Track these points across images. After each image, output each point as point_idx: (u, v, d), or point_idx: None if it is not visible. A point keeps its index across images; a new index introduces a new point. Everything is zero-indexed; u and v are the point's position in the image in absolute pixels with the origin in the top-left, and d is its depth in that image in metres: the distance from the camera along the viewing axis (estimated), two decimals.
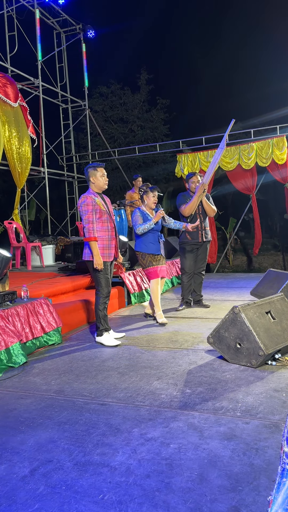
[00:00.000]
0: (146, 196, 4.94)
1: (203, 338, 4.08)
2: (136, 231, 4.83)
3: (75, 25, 12.23)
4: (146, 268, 4.90)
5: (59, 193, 14.16)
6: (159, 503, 1.74)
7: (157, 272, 4.87)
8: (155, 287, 4.89)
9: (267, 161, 9.57)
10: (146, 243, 4.86)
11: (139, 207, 4.97)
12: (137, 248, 4.95)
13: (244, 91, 20.48)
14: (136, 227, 4.81)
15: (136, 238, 4.97)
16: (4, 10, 10.28)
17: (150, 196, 4.91)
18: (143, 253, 4.89)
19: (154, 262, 4.86)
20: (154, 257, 4.88)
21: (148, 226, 4.77)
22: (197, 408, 2.60)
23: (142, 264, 4.95)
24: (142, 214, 4.86)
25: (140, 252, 4.90)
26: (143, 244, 4.87)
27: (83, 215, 4.04)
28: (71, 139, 12.99)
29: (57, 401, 2.82)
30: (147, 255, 4.87)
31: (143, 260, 4.90)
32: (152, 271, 4.87)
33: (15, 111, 8.12)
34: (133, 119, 17.83)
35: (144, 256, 4.88)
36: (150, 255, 4.87)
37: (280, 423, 2.35)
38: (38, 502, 1.79)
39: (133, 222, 4.87)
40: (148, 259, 4.87)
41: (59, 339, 4.23)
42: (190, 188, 5.48)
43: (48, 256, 8.30)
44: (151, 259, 4.87)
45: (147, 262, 4.88)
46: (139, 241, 4.92)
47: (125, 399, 2.79)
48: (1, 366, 3.40)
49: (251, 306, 3.44)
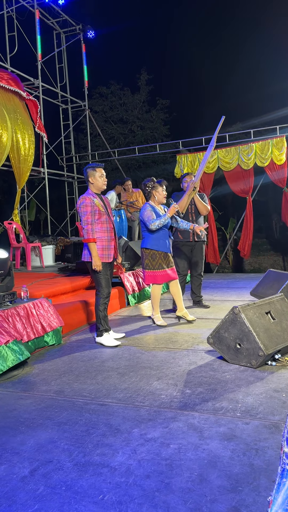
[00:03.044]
0: (155, 191, 4.71)
1: (203, 338, 4.08)
2: (149, 226, 4.55)
3: (75, 25, 12.24)
4: (153, 271, 4.66)
5: (59, 193, 14.16)
6: (159, 504, 1.74)
7: (166, 276, 4.67)
8: (157, 291, 4.78)
9: (266, 161, 9.58)
10: (157, 240, 4.62)
11: (148, 202, 4.75)
12: (147, 245, 4.66)
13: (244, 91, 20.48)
14: (149, 223, 4.54)
15: (146, 235, 4.70)
16: (4, 11, 10.28)
17: (160, 191, 4.70)
18: (153, 252, 4.63)
19: (164, 265, 4.65)
20: (164, 256, 4.66)
21: (163, 220, 4.53)
22: (197, 409, 2.60)
23: (149, 265, 4.67)
24: (153, 210, 4.67)
25: (151, 250, 4.64)
26: (154, 241, 4.62)
27: (82, 216, 4.04)
28: (71, 139, 13.00)
29: (57, 401, 2.82)
30: (157, 254, 4.63)
31: (153, 261, 4.64)
32: (160, 275, 4.66)
33: (21, 110, 8.13)
34: (133, 120, 17.85)
35: (155, 255, 4.63)
36: (161, 254, 4.64)
37: (280, 423, 2.35)
38: (38, 503, 1.79)
39: (144, 218, 4.60)
40: (158, 261, 4.64)
41: (59, 340, 4.23)
42: (183, 187, 5.46)
43: (48, 256, 8.30)
44: (161, 261, 4.64)
45: (156, 263, 4.64)
46: (149, 238, 4.65)
47: (125, 399, 2.79)
48: (7, 363, 3.38)
49: (251, 306, 3.44)
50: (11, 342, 3.48)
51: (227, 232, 14.95)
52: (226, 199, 15.82)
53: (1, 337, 3.42)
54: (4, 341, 3.41)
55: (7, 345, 3.43)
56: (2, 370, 3.29)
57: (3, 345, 3.40)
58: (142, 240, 4.79)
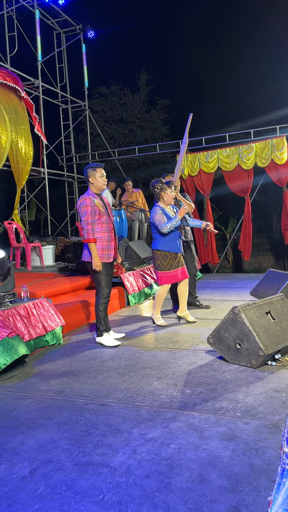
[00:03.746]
0: (163, 193, 4.71)
1: (203, 338, 4.08)
2: (161, 230, 4.57)
3: (75, 25, 12.24)
4: (164, 271, 4.68)
5: (59, 193, 14.16)
6: (159, 504, 1.74)
7: (177, 276, 4.70)
8: (164, 291, 4.79)
9: (266, 161, 9.58)
10: (169, 241, 4.65)
11: (157, 205, 4.75)
12: (158, 247, 4.69)
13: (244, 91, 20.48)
14: (161, 227, 4.56)
15: (157, 236, 4.70)
16: (4, 11, 10.28)
17: (169, 192, 4.71)
18: (165, 253, 4.65)
19: (176, 265, 4.68)
20: (175, 257, 4.69)
21: (175, 223, 4.56)
22: (197, 409, 2.60)
23: (161, 266, 4.70)
24: (164, 212, 4.67)
25: (162, 252, 4.67)
26: (165, 243, 4.65)
27: (82, 217, 4.04)
28: (71, 139, 13.00)
29: (57, 401, 2.82)
30: (169, 255, 4.66)
31: (164, 262, 4.67)
32: (173, 276, 4.70)
33: (20, 110, 8.12)
34: (133, 120, 17.85)
35: (166, 256, 4.66)
36: (172, 255, 4.66)
37: (280, 423, 2.35)
38: (38, 503, 1.79)
39: (156, 221, 4.61)
40: (170, 261, 4.66)
41: (59, 340, 4.23)
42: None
43: (48, 256, 8.30)
44: (172, 261, 4.67)
45: (168, 264, 4.66)
46: (161, 240, 4.67)
47: (125, 399, 2.79)
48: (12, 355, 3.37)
49: (251, 306, 3.44)
50: (14, 337, 3.48)
51: (227, 232, 14.95)
52: (226, 199, 15.84)
53: (3, 331, 3.42)
54: (6, 334, 3.40)
55: (11, 338, 3.43)
56: (6, 364, 3.29)
57: (6, 337, 3.39)
58: (153, 241, 4.80)
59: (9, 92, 7.95)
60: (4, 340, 3.38)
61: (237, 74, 19.75)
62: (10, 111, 7.86)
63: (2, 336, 3.37)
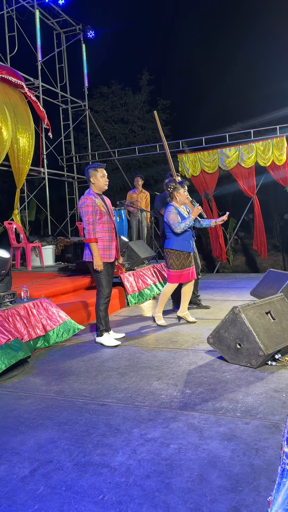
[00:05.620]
0: (177, 192, 4.71)
1: (203, 338, 4.08)
2: (175, 230, 4.59)
3: (75, 25, 12.24)
4: (176, 270, 4.69)
5: (59, 193, 14.15)
6: (159, 504, 1.74)
7: (187, 275, 4.74)
8: (170, 290, 4.81)
9: (267, 161, 9.59)
10: (182, 241, 4.67)
11: (171, 204, 4.75)
12: (172, 246, 4.70)
13: (244, 91, 20.50)
14: (175, 226, 4.58)
15: (171, 236, 4.72)
16: (4, 11, 10.28)
17: (182, 192, 4.71)
18: (178, 252, 4.67)
19: (187, 264, 4.71)
20: (187, 256, 4.72)
21: (188, 223, 4.58)
22: (197, 409, 2.60)
23: (173, 265, 4.71)
24: (178, 212, 4.67)
25: (176, 251, 4.67)
26: (178, 242, 4.67)
27: (83, 217, 4.04)
28: (71, 139, 13.00)
29: (57, 401, 2.82)
30: (182, 255, 4.68)
31: (177, 261, 4.68)
32: (184, 275, 4.72)
33: (21, 108, 8.12)
34: (134, 120, 17.85)
35: (179, 256, 4.67)
36: (185, 255, 4.69)
37: (280, 423, 2.35)
38: (38, 503, 1.79)
39: (170, 221, 4.62)
40: (182, 261, 4.69)
41: (59, 339, 4.23)
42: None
43: (48, 256, 8.30)
44: (184, 261, 4.70)
45: (180, 263, 4.69)
46: (174, 239, 4.69)
47: (125, 399, 2.79)
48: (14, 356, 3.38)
49: (251, 306, 3.44)
50: (13, 341, 3.48)
51: (227, 232, 14.94)
52: (226, 199, 15.84)
53: (2, 337, 3.42)
54: (5, 340, 3.41)
55: (8, 343, 3.43)
56: (2, 368, 3.29)
57: (4, 343, 3.40)
58: (166, 240, 4.82)
59: (10, 90, 7.95)
60: (2, 346, 3.38)
61: (237, 74, 19.76)
62: (12, 109, 7.86)
63: (0, 343, 3.38)
